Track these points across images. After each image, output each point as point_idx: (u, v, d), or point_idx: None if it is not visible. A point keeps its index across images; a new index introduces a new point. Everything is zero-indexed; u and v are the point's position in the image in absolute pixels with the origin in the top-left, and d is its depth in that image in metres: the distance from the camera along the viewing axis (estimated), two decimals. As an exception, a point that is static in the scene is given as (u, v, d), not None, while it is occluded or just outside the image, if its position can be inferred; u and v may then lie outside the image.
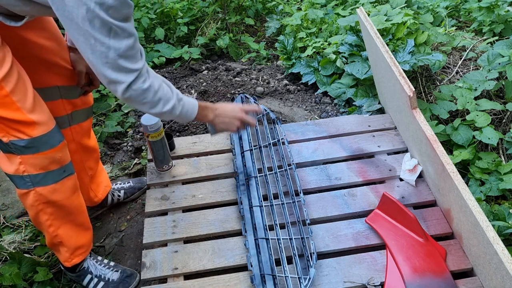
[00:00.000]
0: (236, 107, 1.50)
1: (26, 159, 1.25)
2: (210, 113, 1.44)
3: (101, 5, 1.00)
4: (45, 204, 1.34)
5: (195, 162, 1.84)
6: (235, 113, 1.48)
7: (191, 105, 1.35)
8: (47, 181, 1.31)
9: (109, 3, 1.00)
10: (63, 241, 1.44)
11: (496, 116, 2.11)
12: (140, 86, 1.16)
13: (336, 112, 2.32)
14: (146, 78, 1.17)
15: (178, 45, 2.97)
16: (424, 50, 2.23)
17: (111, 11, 1.02)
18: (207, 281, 1.43)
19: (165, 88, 1.24)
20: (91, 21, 1.01)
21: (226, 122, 1.47)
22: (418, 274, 1.40)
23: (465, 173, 1.87)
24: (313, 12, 2.91)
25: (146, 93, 1.18)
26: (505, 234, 1.53)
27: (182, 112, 1.31)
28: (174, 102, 1.26)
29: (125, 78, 1.12)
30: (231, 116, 1.47)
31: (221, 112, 1.46)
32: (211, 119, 1.45)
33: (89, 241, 1.53)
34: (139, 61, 1.14)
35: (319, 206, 1.65)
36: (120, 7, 1.03)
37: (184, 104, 1.31)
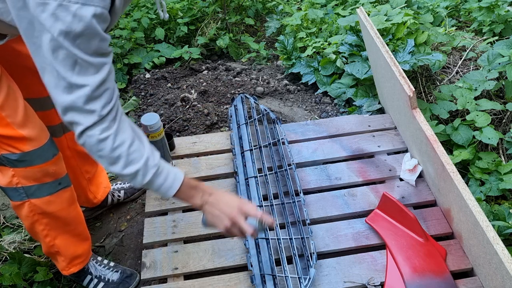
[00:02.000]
0: (236, 203, 1.14)
1: (18, 171, 1.23)
2: (199, 196, 1.14)
3: (67, 34, 0.87)
4: (41, 215, 1.32)
5: (195, 162, 1.84)
6: (230, 211, 1.12)
7: (170, 178, 1.09)
8: (42, 193, 1.28)
9: (76, 32, 0.87)
10: (60, 251, 1.43)
11: (496, 116, 2.11)
12: (96, 134, 0.98)
13: (336, 112, 2.32)
14: (108, 127, 0.98)
15: (178, 45, 2.96)
16: (424, 50, 2.23)
17: (79, 41, 0.89)
18: (207, 281, 1.43)
19: (134, 146, 1.03)
20: (54, 51, 0.89)
21: (215, 216, 1.13)
22: (418, 274, 1.40)
23: (465, 173, 1.87)
24: (313, 12, 2.91)
25: (102, 144, 0.99)
26: (505, 234, 1.53)
27: (154, 182, 1.07)
28: (140, 167, 1.03)
29: (83, 120, 0.96)
30: (224, 212, 1.12)
31: (214, 200, 1.14)
32: (199, 204, 1.14)
33: (87, 251, 1.51)
34: (106, 104, 0.97)
35: (319, 206, 1.65)
36: (90, 38, 0.90)
37: (159, 174, 1.07)
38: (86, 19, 0.87)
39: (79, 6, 0.86)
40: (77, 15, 0.86)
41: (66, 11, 0.85)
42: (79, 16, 0.86)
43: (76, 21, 0.86)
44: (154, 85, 2.59)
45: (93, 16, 0.87)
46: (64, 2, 0.85)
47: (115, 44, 2.68)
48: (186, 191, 1.13)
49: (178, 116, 2.26)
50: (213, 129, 2.21)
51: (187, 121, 2.23)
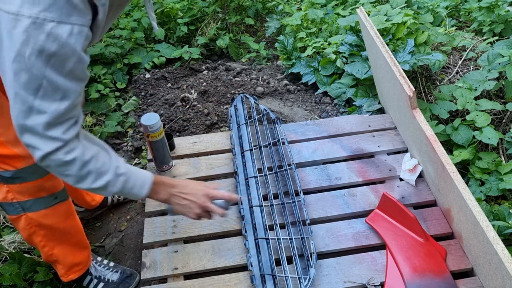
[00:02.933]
0: (201, 189, 1.20)
1: (13, 187, 1.22)
2: (163, 190, 1.17)
3: (40, 52, 0.80)
4: (37, 227, 1.32)
5: (195, 162, 1.84)
6: (197, 198, 1.18)
7: (139, 181, 1.10)
8: (38, 207, 1.28)
9: (51, 50, 0.81)
10: (59, 259, 1.43)
11: (496, 116, 2.11)
12: (61, 158, 0.94)
13: (336, 112, 2.32)
14: (72, 148, 0.96)
15: (178, 45, 2.96)
16: (424, 50, 2.23)
17: (52, 61, 0.82)
18: (207, 281, 1.43)
19: (100, 159, 1.01)
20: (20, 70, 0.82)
21: (183, 205, 1.18)
22: (418, 274, 1.40)
23: (465, 173, 1.87)
24: (313, 12, 2.91)
25: (69, 166, 0.96)
26: (505, 234, 1.53)
27: (125, 188, 1.07)
28: (110, 178, 1.03)
29: (43, 146, 0.92)
30: (191, 200, 1.18)
31: (178, 191, 1.18)
32: (164, 198, 1.18)
33: (86, 259, 1.51)
34: (68, 130, 0.93)
35: (319, 206, 1.65)
36: (66, 58, 0.83)
37: (128, 179, 1.07)
38: (61, 38, 0.81)
39: (55, 25, 0.80)
40: (51, 34, 0.80)
41: (39, 29, 0.79)
42: (53, 35, 0.80)
43: (50, 41, 0.80)
44: (154, 85, 2.59)
45: (70, 34, 0.82)
46: (38, 20, 0.79)
47: (115, 44, 2.69)
48: (154, 188, 1.15)
49: (178, 116, 2.26)
50: (213, 129, 2.21)
51: (187, 121, 2.23)
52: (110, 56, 2.64)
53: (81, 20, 0.84)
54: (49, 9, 0.79)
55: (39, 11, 0.79)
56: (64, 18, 0.81)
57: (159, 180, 1.17)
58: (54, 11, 0.79)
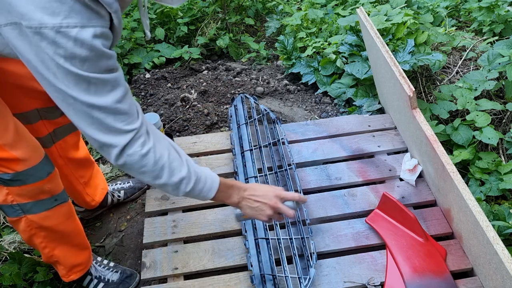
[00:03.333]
0: (271, 190, 1.21)
1: (12, 190, 1.21)
2: (236, 194, 1.19)
3: (72, 59, 0.83)
4: (38, 229, 1.31)
5: (195, 162, 1.83)
6: (268, 199, 1.19)
7: (209, 181, 1.12)
8: (38, 209, 1.27)
9: (82, 56, 0.83)
10: (59, 260, 1.42)
11: (496, 116, 2.11)
12: (137, 151, 0.96)
13: (336, 112, 2.32)
14: (145, 140, 0.98)
15: (178, 45, 2.96)
16: (424, 50, 2.23)
17: (87, 64, 0.85)
18: (207, 281, 1.44)
19: (172, 154, 1.04)
20: (63, 78, 0.85)
21: (254, 208, 1.19)
22: (418, 274, 1.40)
23: (465, 173, 1.87)
24: (313, 12, 2.91)
25: (145, 159, 0.98)
26: (505, 234, 1.53)
27: (196, 188, 1.08)
28: (184, 175, 1.04)
29: (118, 140, 0.94)
30: (262, 202, 1.19)
31: (250, 194, 1.19)
32: (236, 202, 1.19)
33: (87, 259, 1.50)
34: (134, 119, 0.95)
35: (319, 206, 1.65)
36: (97, 59, 0.86)
37: (199, 179, 1.09)
38: (87, 41, 0.83)
39: (79, 30, 0.82)
40: (78, 40, 0.82)
41: (66, 37, 0.81)
42: (80, 40, 0.82)
43: (78, 46, 0.82)
44: (154, 85, 2.59)
45: (94, 36, 0.84)
46: (62, 28, 0.80)
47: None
48: (224, 191, 1.17)
49: (178, 116, 2.26)
50: (213, 129, 2.21)
51: (187, 121, 2.23)
52: (110, 56, 2.63)
53: (101, 22, 0.86)
54: (70, 16, 0.81)
55: (61, 19, 0.80)
56: (85, 22, 0.83)
57: (230, 183, 1.18)
58: (75, 16, 0.81)
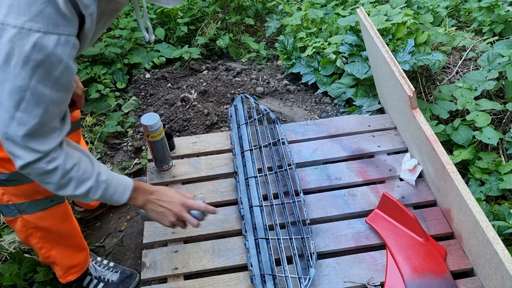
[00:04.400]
0: (178, 198, 1.19)
1: (8, 190, 1.21)
2: (141, 196, 1.16)
3: (25, 62, 0.79)
4: (34, 229, 1.31)
5: (195, 162, 1.84)
6: (173, 206, 1.17)
7: (121, 187, 1.10)
8: (34, 209, 1.27)
9: (37, 60, 0.79)
10: (56, 261, 1.42)
11: (496, 116, 2.11)
12: (43, 167, 0.94)
13: (336, 112, 2.32)
14: (54, 158, 0.95)
15: (178, 45, 2.96)
16: (424, 50, 2.23)
17: (39, 71, 0.81)
18: (207, 281, 1.43)
19: (82, 166, 1.02)
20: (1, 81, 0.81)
21: (158, 212, 1.18)
22: (418, 274, 1.40)
23: (465, 173, 1.87)
24: (313, 12, 2.91)
25: (51, 174, 0.96)
26: (505, 234, 1.53)
27: (106, 194, 1.07)
28: (92, 184, 1.03)
29: (24, 155, 0.91)
30: (167, 208, 1.17)
31: (155, 198, 1.18)
32: (141, 204, 1.17)
33: (84, 260, 1.50)
34: (50, 141, 0.93)
35: (319, 206, 1.65)
36: (53, 67, 0.82)
37: (109, 186, 1.07)
38: (47, 49, 0.79)
39: (40, 35, 0.78)
40: (37, 45, 0.79)
41: (25, 39, 0.78)
42: (39, 46, 0.79)
43: (36, 51, 0.79)
44: (154, 85, 2.59)
45: (57, 44, 0.80)
46: (24, 30, 0.77)
47: (115, 44, 2.69)
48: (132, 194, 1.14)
49: (178, 116, 2.26)
50: (213, 129, 2.21)
51: (187, 121, 2.23)
52: (110, 56, 2.64)
53: (68, 30, 0.82)
54: (35, 19, 0.78)
55: (25, 21, 0.77)
56: (51, 28, 0.79)
57: (138, 185, 1.16)
58: (41, 21, 0.78)
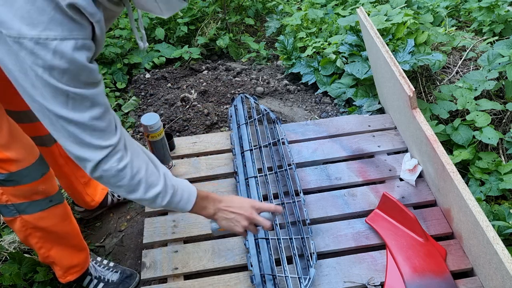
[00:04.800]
0: (247, 202, 1.20)
1: (7, 190, 1.21)
2: (211, 205, 1.17)
3: (51, 70, 0.82)
4: (33, 229, 1.31)
5: (195, 162, 1.84)
6: (244, 210, 1.18)
7: (186, 194, 1.12)
8: (33, 210, 1.27)
9: (61, 67, 0.82)
10: (55, 261, 1.42)
11: (496, 116, 2.11)
12: (113, 166, 0.95)
13: (336, 112, 2.32)
14: (122, 155, 0.97)
15: (178, 45, 2.96)
16: (424, 50, 2.23)
17: (66, 77, 0.83)
18: (207, 281, 1.43)
19: (150, 169, 1.03)
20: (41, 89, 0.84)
21: (230, 219, 1.18)
22: (418, 274, 1.40)
23: (465, 173, 1.87)
24: (313, 12, 2.91)
25: (121, 174, 0.97)
26: (505, 234, 1.53)
27: (173, 201, 1.08)
28: (161, 189, 1.04)
29: (93, 155, 0.93)
30: (238, 213, 1.17)
31: (225, 206, 1.18)
32: (211, 213, 1.18)
33: (84, 261, 1.50)
34: (111, 135, 0.95)
35: (319, 206, 1.65)
36: (78, 72, 0.84)
37: (176, 192, 1.09)
38: (67, 54, 0.81)
39: (58, 42, 0.80)
40: (57, 52, 0.81)
41: (45, 49, 0.80)
42: (60, 52, 0.81)
43: (58, 58, 0.81)
44: (154, 85, 2.59)
45: (75, 49, 0.82)
46: (41, 40, 0.79)
47: (115, 44, 2.68)
48: (199, 203, 1.15)
49: (178, 116, 2.26)
50: (213, 129, 2.21)
51: (187, 121, 2.23)
52: (110, 56, 2.64)
53: (83, 34, 0.84)
54: (49, 27, 0.80)
55: (40, 30, 0.79)
56: (66, 33, 0.81)
57: (204, 194, 1.17)
58: (55, 28, 0.80)
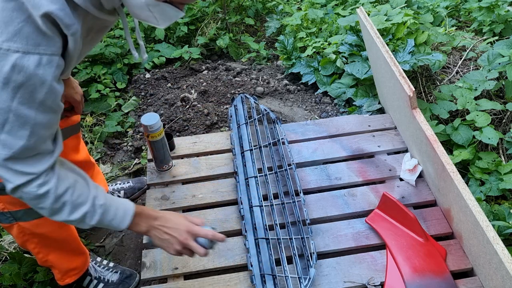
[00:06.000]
0: (184, 224, 1.11)
1: (3, 198, 1.20)
2: (144, 222, 1.10)
3: (5, 84, 0.76)
4: (31, 235, 1.30)
5: (195, 162, 1.84)
6: (178, 234, 1.09)
7: (120, 212, 1.05)
8: (29, 217, 1.26)
9: (17, 81, 0.76)
10: (54, 265, 1.42)
11: (496, 116, 2.11)
12: (33, 191, 0.90)
13: (336, 112, 2.32)
14: (45, 181, 0.91)
15: (178, 45, 2.96)
16: (424, 50, 2.23)
17: (20, 92, 0.77)
18: (207, 281, 1.43)
19: (77, 190, 0.97)
20: None
21: (163, 239, 1.10)
22: (418, 274, 1.40)
23: (465, 173, 1.87)
24: (313, 12, 2.91)
25: (43, 199, 0.92)
26: (505, 234, 1.53)
27: (104, 220, 1.02)
28: (87, 209, 0.98)
29: (13, 179, 0.88)
30: (172, 235, 1.10)
31: (160, 224, 1.11)
32: (144, 231, 1.11)
33: (83, 264, 1.49)
34: (39, 164, 0.89)
35: (319, 206, 1.65)
36: (34, 88, 0.78)
37: (108, 211, 1.02)
38: (28, 69, 0.76)
39: (20, 56, 0.75)
40: (17, 66, 0.75)
41: (3, 60, 0.75)
42: (19, 67, 0.75)
43: (16, 72, 0.75)
44: (154, 85, 2.59)
45: (38, 65, 0.77)
46: (1, 51, 0.75)
47: (115, 44, 2.69)
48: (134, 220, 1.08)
49: (178, 116, 2.26)
50: (213, 129, 2.21)
51: (187, 121, 2.23)
52: (110, 56, 2.64)
53: (51, 49, 0.79)
54: (13, 39, 0.75)
55: (2, 41, 0.75)
56: (31, 48, 0.76)
57: (140, 211, 1.10)
58: (19, 41, 0.75)
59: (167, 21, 0.90)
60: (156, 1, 0.84)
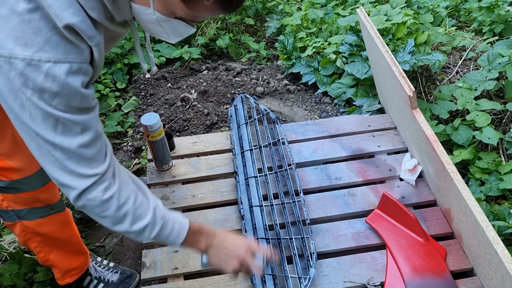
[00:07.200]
0: (242, 242, 1.12)
1: (7, 197, 1.21)
2: (203, 240, 1.09)
3: (41, 93, 0.77)
4: (33, 234, 1.31)
5: (195, 162, 1.84)
6: (237, 251, 1.09)
7: (177, 227, 1.04)
8: (33, 216, 1.26)
9: (52, 91, 0.78)
10: (54, 264, 1.42)
11: (496, 116, 2.11)
12: (98, 196, 0.90)
13: (336, 112, 2.32)
14: (109, 185, 0.91)
15: (178, 45, 2.96)
16: (424, 50, 2.23)
17: (57, 101, 0.79)
18: (207, 281, 1.43)
19: (138, 200, 0.97)
20: (30, 111, 0.79)
21: (221, 259, 1.09)
22: (418, 274, 1.40)
23: (465, 173, 1.87)
24: (313, 12, 2.91)
25: (106, 205, 0.91)
26: (505, 234, 1.53)
27: (162, 234, 1.01)
28: (148, 221, 0.97)
29: (77, 183, 0.87)
30: (231, 253, 1.09)
31: (219, 243, 1.10)
32: (203, 248, 1.09)
33: (83, 264, 1.50)
34: (99, 163, 0.89)
35: (319, 206, 1.65)
36: (70, 97, 0.80)
37: (166, 225, 1.01)
38: (60, 79, 0.78)
39: (51, 65, 0.77)
40: (49, 75, 0.77)
41: (36, 71, 0.76)
42: (52, 76, 0.77)
43: (49, 81, 0.77)
44: (154, 85, 2.59)
45: (69, 73, 0.78)
46: (33, 62, 0.76)
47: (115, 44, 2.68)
48: (191, 237, 1.07)
49: (178, 116, 2.26)
50: (213, 129, 2.21)
51: (187, 121, 2.23)
52: (110, 56, 2.63)
53: (80, 57, 0.81)
54: (44, 49, 0.76)
55: (33, 52, 0.76)
56: (61, 56, 0.78)
57: (197, 228, 1.09)
58: (49, 50, 0.77)
59: (178, 37, 0.90)
60: (167, 17, 0.84)
